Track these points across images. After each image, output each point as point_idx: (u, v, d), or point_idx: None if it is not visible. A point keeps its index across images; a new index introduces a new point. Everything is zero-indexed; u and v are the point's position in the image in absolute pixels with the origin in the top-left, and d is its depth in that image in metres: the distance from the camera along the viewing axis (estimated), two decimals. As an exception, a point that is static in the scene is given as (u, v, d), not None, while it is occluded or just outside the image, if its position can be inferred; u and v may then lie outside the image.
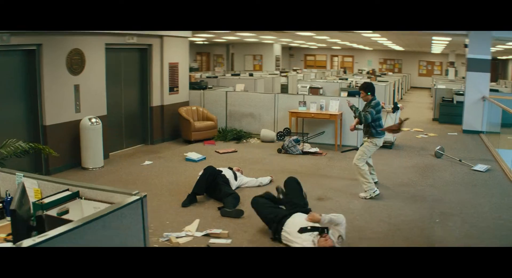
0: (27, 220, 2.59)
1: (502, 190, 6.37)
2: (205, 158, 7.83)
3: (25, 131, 6.68)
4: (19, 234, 2.43)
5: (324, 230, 4.01)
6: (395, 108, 8.71)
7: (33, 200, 2.77)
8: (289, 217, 4.36)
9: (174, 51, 9.47)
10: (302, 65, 29.86)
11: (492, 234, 4.80)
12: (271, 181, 6.48)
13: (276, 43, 23.59)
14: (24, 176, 2.95)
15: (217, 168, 6.00)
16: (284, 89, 15.98)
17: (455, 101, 12.64)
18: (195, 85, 10.66)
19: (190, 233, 4.64)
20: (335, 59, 30.95)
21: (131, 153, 8.46)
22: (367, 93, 5.92)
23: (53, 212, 2.56)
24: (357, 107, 6.08)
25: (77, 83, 7.17)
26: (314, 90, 11.82)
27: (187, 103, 10.06)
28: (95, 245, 2.14)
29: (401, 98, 19.38)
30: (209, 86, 11.30)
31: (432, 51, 25.74)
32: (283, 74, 17.90)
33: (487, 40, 10.46)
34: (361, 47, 26.62)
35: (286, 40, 20.80)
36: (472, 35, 10.59)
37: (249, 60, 24.36)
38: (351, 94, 10.24)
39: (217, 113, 10.01)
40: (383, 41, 18.90)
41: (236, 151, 8.52)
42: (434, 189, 6.32)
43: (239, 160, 7.87)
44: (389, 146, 8.83)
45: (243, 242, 4.46)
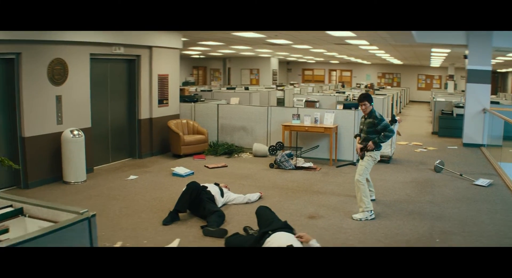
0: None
1: (506, 205, 6.00)
2: (193, 173, 7.47)
3: (2, 143, 6.38)
4: None
5: None
6: (393, 121, 8.36)
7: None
8: (270, 235, 3.97)
9: (163, 63, 9.19)
10: (300, 80, 29.70)
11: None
12: (260, 198, 6.09)
13: (273, 57, 23.42)
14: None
15: (202, 184, 5.63)
16: (280, 103, 15.71)
17: (454, 114, 12.36)
18: (186, 98, 10.36)
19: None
20: (333, 73, 30.80)
21: (117, 167, 8.10)
22: (371, 103, 5.61)
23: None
24: (376, 140, 5.51)
25: (59, 94, 6.89)
26: (310, 103, 11.48)
27: (177, 116, 9.73)
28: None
29: (400, 112, 19.13)
30: (202, 99, 11.01)
31: (431, 65, 25.63)
32: (279, 88, 17.65)
33: (488, 50, 10.18)
34: (359, 61, 26.46)
35: (282, 53, 20.58)
36: (472, 46, 10.32)
37: (246, 74, 24.16)
38: (347, 106, 9.90)
39: (208, 126, 9.67)
40: (381, 54, 18.66)
41: (226, 166, 8.16)
42: (433, 206, 5.95)
43: (229, 175, 7.51)
44: (387, 160, 8.48)
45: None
